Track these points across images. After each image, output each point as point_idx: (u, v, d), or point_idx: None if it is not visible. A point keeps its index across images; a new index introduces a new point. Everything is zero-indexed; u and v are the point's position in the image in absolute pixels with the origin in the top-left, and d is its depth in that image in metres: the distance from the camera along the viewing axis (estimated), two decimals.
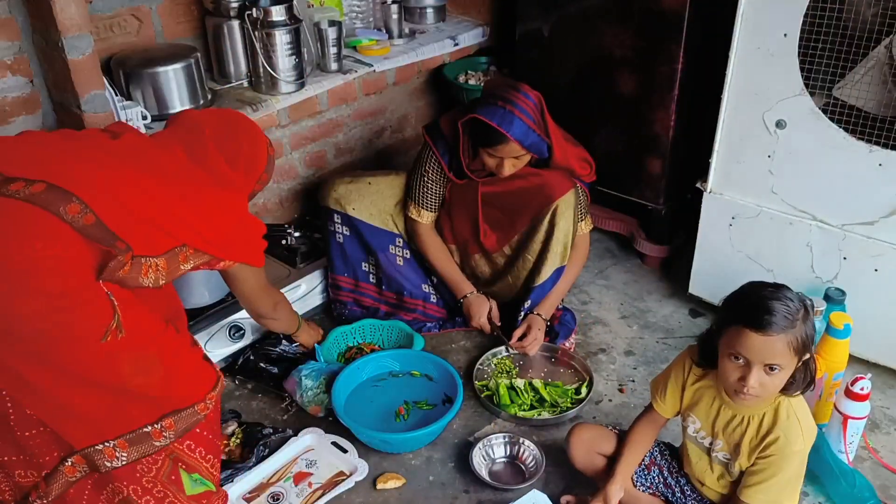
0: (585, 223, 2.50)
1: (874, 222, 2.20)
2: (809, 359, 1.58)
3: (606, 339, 2.59)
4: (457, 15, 3.33)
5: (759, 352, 1.53)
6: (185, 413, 1.62)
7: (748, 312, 1.54)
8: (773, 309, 1.51)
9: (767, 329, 1.51)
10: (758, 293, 1.56)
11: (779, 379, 1.56)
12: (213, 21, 2.60)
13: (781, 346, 1.52)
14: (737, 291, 1.62)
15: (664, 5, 2.45)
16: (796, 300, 1.53)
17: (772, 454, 1.63)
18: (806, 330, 1.53)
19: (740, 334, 1.54)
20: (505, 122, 2.15)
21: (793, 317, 1.51)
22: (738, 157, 2.37)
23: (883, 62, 2.04)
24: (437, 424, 2.10)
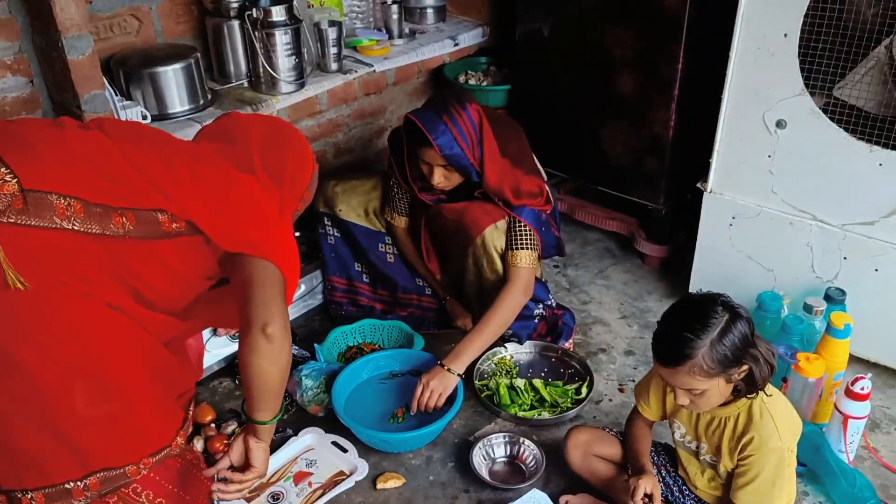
0: (523, 254, 2.26)
1: (874, 222, 2.20)
2: (748, 370, 1.56)
3: (606, 339, 2.59)
4: (457, 15, 3.33)
5: (668, 378, 1.60)
6: (113, 474, 1.48)
7: (653, 343, 1.62)
8: (670, 342, 1.55)
9: (663, 362, 1.58)
10: (665, 322, 1.61)
11: (708, 397, 1.59)
12: (213, 21, 2.60)
13: (682, 376, 1.55)
14: (666, 311, 1.65)
15: (664, 5, 2.45)
16: (708, 326, 1.51)
17: (750, 454, 1.63)
18: (715, 354, 1.51)
19: (654, 361, 1.62)
20: (431, 126, 2.13)
21: (689, 351, 1.51)
22: (739, 157, 2.37)
23: (883, 62, 2.04)
24: (437, 424, 2.10)
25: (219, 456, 2.06)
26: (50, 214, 1.35)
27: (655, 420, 1.87)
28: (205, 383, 2.39)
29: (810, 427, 2.05)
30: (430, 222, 2.45)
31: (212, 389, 2.38)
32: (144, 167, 1.46)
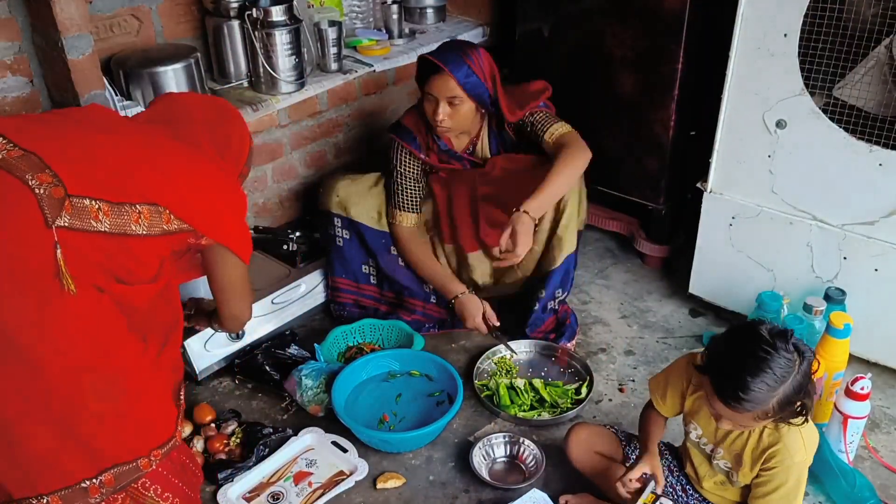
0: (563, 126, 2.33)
1: (874, 222, 2.20)
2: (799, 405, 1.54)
3: (606, 339, 2.59)
4: (457, 15, 3.33)
5: (726, 414, 1.55)
6: (126, 468, 1.50)
7: (723, 384, 1.51)
8: (743, 387, 1.47)
9: (731, 404, 1.50)
10: (742, 361, 1.49)
11: (755, 425, 1.59)
12: (213, 21, 2.60)
13: (744, 417, 1.52)
14: (729, 339, 1.56)
15: (664, 5, 2.45)
16: (784, 374, 1.47)
17: (774, 466, 1.62)
18: (784, 400, 1.49)
19: (713, 396, 1.54)
20: (443, 56, 2.21)
21: (762, 398, 1.47)
22: (739, 157, 2.37)
23: (883, 62, 2.04)
24: (437, 424, 2.10)
25: (219, 456, 2.07)
26: (87, 218, 1.39)
27: (669, 416, 1.85)
28: (205, 383, 2.39)
29: None
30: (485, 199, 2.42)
31: (212, 389, 2.38)
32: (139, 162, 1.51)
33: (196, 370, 2.34)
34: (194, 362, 2.33)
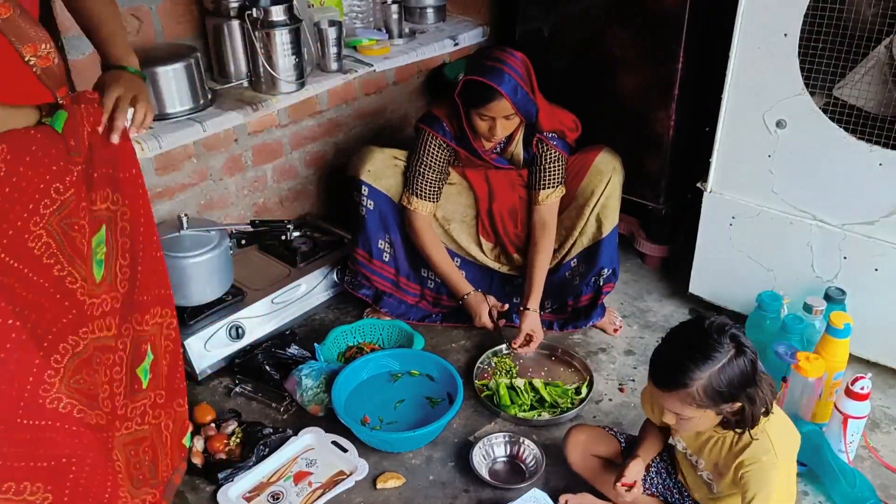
0: (558, 190, 2.48)
1: (874, 222, 2.20)
2: (741, 408, 1.54)
3: (607, 339, 2.59)
4: (457, 15, 3.33)
5: (658, 399, 1.58)
6: None
7: (651, 362, 1.60)
8: (668, 366, 1.53)
9: (656, 384, 1.56)
10: (673, 342, 1.58)
11: (694, 423, 1.59)
12: (213, 21, 2.60)
13: (673, 401, 1.54)
14: (674, 328, 1.62)
15: (664, 5, 2.45)
16: (710, 358, 1.49)
17: (747, 471, 1.60)
18: (709, 388, 1.49)
19: (649, 380, 1.60)
20: (496, 77, 2.20)
21: (687, 378, 1.49)
22: (739, 156, 2.37)
23: (883, 62, 2.04)
24: (437, 424, 2.10)
25: (219, 456, 2.07)
26: None
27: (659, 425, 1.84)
28: (205, 383, 2.39)
29: (810, 427, 2.05)
30: None
31: (212, 389, 2.38)
32: None
33: (196, 370, 2.34)
34: (194, 362, 2.33)
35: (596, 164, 2.47)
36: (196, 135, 2.42)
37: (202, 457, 2.08)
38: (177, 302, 2.32)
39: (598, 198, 2.47)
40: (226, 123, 2.48)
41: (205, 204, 2.65)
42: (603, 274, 2.53)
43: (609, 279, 2.55)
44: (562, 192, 2.48)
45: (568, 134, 2.45)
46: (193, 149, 2.47)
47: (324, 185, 3.02)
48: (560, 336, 2.60)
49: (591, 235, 2.51)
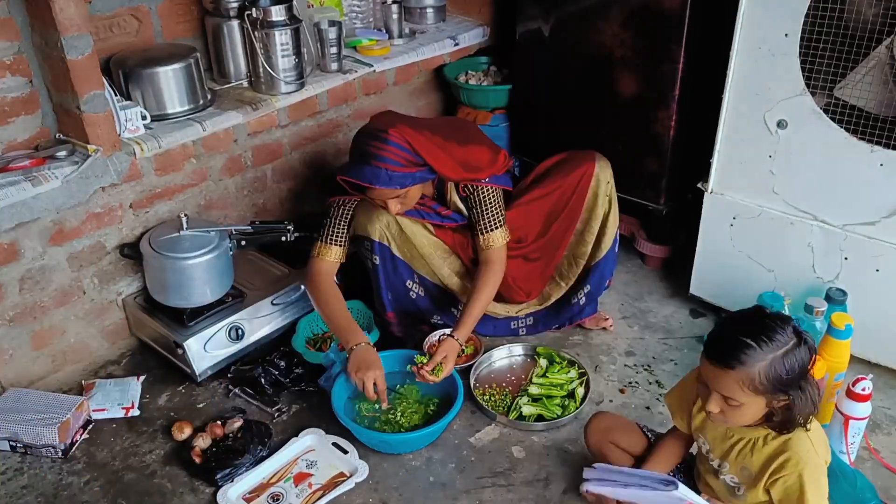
0: (496, 235, 2.31)
1: (875, 222, 2.20)
2: (789, 402, 1.50)
3: (607, 340, 2.58)
4: (457, 15, 3.33)
5: (712, 380, 1.52)
6: None
7: (710, 339, 1.54)
8: (731, 344, 1.47)
9: (716, 362, 1.49)
10: (736, 323, 1.53)
11: (742, 412, 1.53)
12: (213, 21, 2.60)
13: (730, 382, 1.48)
14: (731, 314, 1.59)
15: (664, 5, 2.44)
16: (774, 341, 1.46)
17: (785, 475, 1.56)
18: (771, 371, 1.45)
19: (703, 359, 1.54)
20: (362, 175, 2.13)
21: (751, 358, 1.45)
22: (739, 157, 2.37)
23: (884, 62, 2.04)
24: (437, 425, 2.10)
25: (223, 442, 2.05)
26: None
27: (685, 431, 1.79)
28: (204, 384, 2.38)
29: None
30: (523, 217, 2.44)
31: (211, 390, 2.37)
32: None
33: (196, 371, 2.33)
34: (194, 363, 2.32)
35: (592, 188, 2.40)
36: (196, 135, 2.42)
37: (202, 457, 2.07)
38: (176, 303, 2.35)
39: (600, 222, 2.44)
40: (225, 123, 2.49)
41: (205, 204, 2.65)
42: (607, 285, 2.55)
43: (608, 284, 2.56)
44: (506, 236, 2.34)
45: (488, 172, 2.29)
46: (193, 149, 2.47)
47: (323, 185, 3.01)
48: (560, 336, 2.59)
49: (596, 255, 2.48)
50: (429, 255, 2.38)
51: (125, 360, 2.52)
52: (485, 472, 2.08)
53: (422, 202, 2.33)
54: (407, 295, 2.42)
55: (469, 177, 2.27)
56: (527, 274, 2.50)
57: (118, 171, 2.29)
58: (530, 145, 3.04)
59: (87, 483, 2.06)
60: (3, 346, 2.30)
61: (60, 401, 2.20)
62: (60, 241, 2.31)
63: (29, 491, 2.04)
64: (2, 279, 2.22)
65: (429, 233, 2.38)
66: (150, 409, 2.30)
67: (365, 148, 2.15)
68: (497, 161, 2.32)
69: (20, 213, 2.12)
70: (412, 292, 2.42)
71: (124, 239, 2.46)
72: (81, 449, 2.17)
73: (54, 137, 2.30)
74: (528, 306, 2.56)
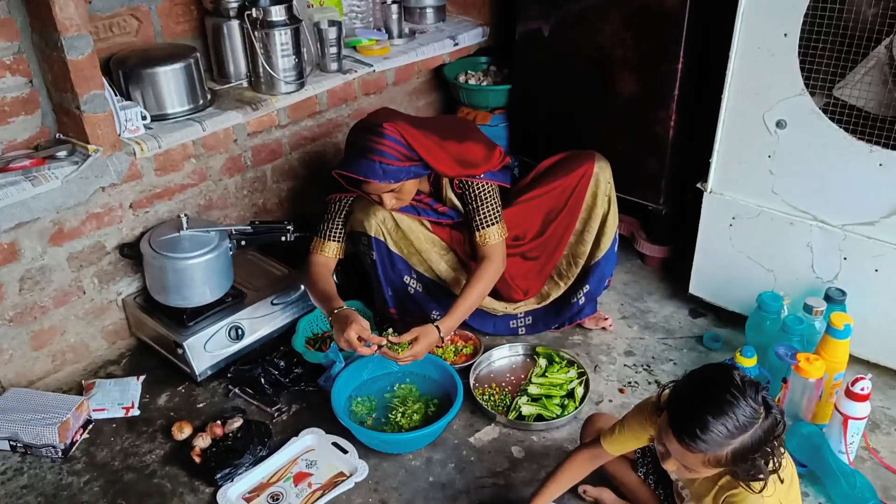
0: (492, 231, 2.30)
1: (875, 222, 2.20)
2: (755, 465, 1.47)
3: (607, 340, 2.59)
4: (457, 15, 3.33)
5: (675, 452, 1.49)
6: None
7: (682, 419, 1.46)
8: (701, 426, 1.41)
9: (684, 442, 1.45)
10: (705, 398, 1.45)
11: (700, 474, 1.52)
12: (213, 21, 2.60)
13: (693, 460, 1.46)
14: (698, 376, 1.51)
15: (664, 5, 2.44)
16: (745, 423, 1.41)
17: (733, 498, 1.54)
18: (739, 450, 1.43)
19: (667, 429, 1.48)
20: (357, 168, 2.13)
21: (718, 441, 1.41)
22: (739, 157, 2.37)
23: (883, 62, 2.04)
24: (437, 425, 2.10)
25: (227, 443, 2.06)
26: None
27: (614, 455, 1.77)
28: (204, 384, 2.39)
29: (810, 427, 2.05)
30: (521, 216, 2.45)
31: (211, 390, 2.37)
32: None
33: (196, 371, 2.33)
34: (194, 363, 2.32)
35: (591, 188, 2.42)
36: (195, 135, 2.42)
37: (202, 457, 2.07)
38: (176, 303, 2.35)
39: (599, 221, 2.45)
40: (225, 123, 2.49)
41: (204, 204, 2.65)
42: (607, 284, 2.56)
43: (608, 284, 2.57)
44: (503, 233, 2.33)
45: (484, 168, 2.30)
46: (193, 149, 2.47)
47: (323, 185, 3.01)
48: (560, 336, 2.59)
49: (595, 254, 2.50)
50: (426, 250, 2.38)
51: (125, 360, 2.52)
52: (484, 472, 2.08)
53: (418, 199, 2.34)
54: (406, 291, 2.42)
55: (464, 173, 2.28)
56: (525, 272, 2.50)
57: (118, 171, 2.29)
58: (530, 145, 3.04)
59: (86, 483, 2.07)
60: (3, 346, 2.30)
61: (60, 401, 2.21)
62: (60, 241, 2.31)
63: (29, 491, 2.04)
64: (2, 279, 2.22)
65: (426, 229, 2.38)
66: (150, 409, 2.31)
67: (360, 142, 2.16)
68: (492, 157, 2.33)
69: (20, 213, 2.12)
70: (410, 288, 2.42)
71: (124, 239, 2.46)
72: (81, 449, 2.17)
73: (54, 137, 2.30)
74: (526, 304, 2.56)
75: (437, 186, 2.37)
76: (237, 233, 2.45)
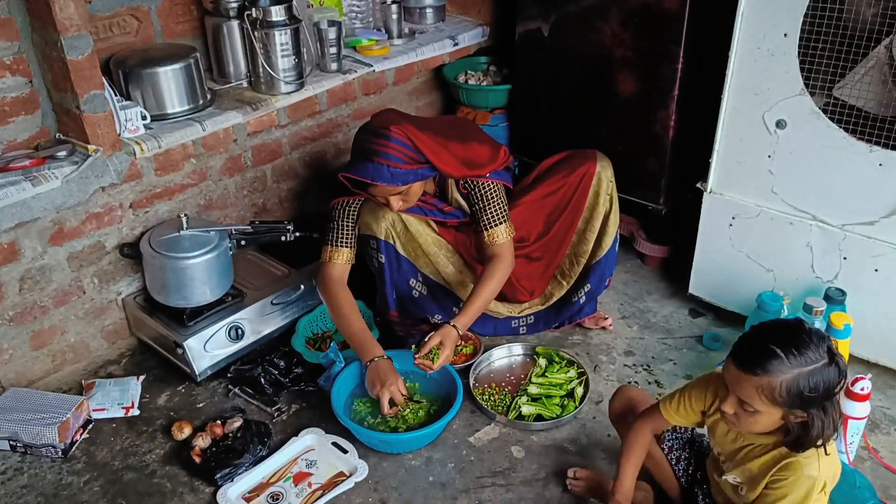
0: (499, 230, 2.30)
1: (874, 222, 2.20)
2: (807, 420, 1.47)
3: (606, 340, 2.59)
4: (456, 15, 3.33)
5: (732, 382, 1.50)
6: None
7: (740, 341, 1.51)
8: (759, 350, 1.45)
9: (740, 365, 1.47)
10: (770, 330, 1.49)
11: (756, 419, 1.51)
12: (213, 21, 2.60)
13: (749, 388, 1.46)
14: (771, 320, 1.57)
15: (664, 5, 2.44)
16: (804, 356, 1.42)
17: (785, 477, 1.54)
18: (794, 386, 1.42)
19: (728, 359, 1.52)
20: (364, 172, 2.13)
21: (775, 367, 1.42)
22: (739, 157, 2.37)
23: (883, 62, 2.04)
24: (437, 424, 2.10)
25: (226, 443, 2.05)
26: None
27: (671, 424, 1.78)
28: (204, 384, 2.39)
29: None
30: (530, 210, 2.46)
31: (211, 390, 2.37)
32: None
33: (196, 371, 2.33)
34: (193, 363, 2.32)
35: (593, 187, 2.42)
36: (195, 135, 2.42)
37: (201, 457, 2.07)
38: (176, 303, 2.35)
39: (601, 220, 2.45)
40: (225, 123, 2.49)
41: (204, 204, 2.65)
42: (607, 284, 2.57)
43: (608, 284, 2.58)
44: (511, 232, 2.32)
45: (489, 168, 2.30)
46: (193, 149, 2.47)
47: (323, 185, 3.02)
48: (560, 336, 2.60)
49: (596, 253, 2.50)
50: (433, 253, 2.38)
51: (125, 359, 2.52)
52: (484, 472, 2.09)
53: (424, 199, 2.34)
54: (410, 294, 2.42)
55: (470, 173, 2.28)
56: (530, 273, 2.50)
57: (118, 170, 2.29)
58: (530, 145, 3.04)
59: (86, 483, 2.07)
60: (3, 346, 2.30)
61: (60, 400, 2.21)
62: (60, 241, 2.31)
63: (29, 491, 2.04)
64: (2, 279, 2.22)
65: (433, 231, 2.38)
66: (149, 409, 2.31)
67: (367, 145, 2.16)
68: (498, 157, 2.33)
69: (20, 213, 2.12)
70: (415, 291, 2.42)
71: (124, 239, 2.46)
72: (81, 449, 2.17)
73: (54, 137, 2.30)
74: (530, 306, 2.56)
75: (442, 187, 2.37)
76: (237, 233, 2.45)
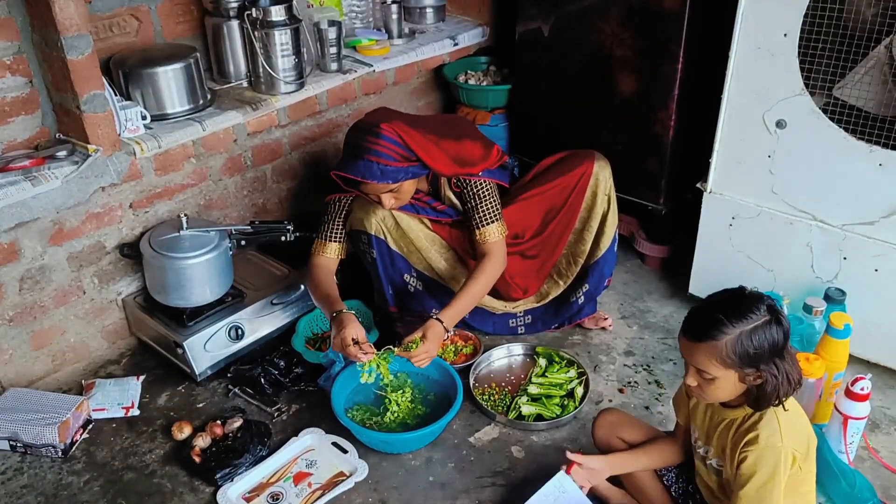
0: (492, 228, 2.30)
1: (874, 222, 2.20)
2: (763, 378, 1.51)
3: (606, 340, 2.59)
4: (456, 15, 3.33)
5: (686, 354, 1.57)
6: None
7: (686, 316, 1.59)
8: (702, 318, 1.53)
9: (686, 334, 1.55)
10: (712, 300, 1.58)
11: (716, 385, 1.55)
12: (213, 21, 2.60)
13: (700, 355, 1.53)
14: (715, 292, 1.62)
15: (664, 5, 2.44)
16: (744, 317, 1.49)
17: (748, 452, 1.56)
18: (738, 346, 1.48)
19: (679, 333, 1.59)
20: (355, 170, 2.13)
21: (718, 331, 1.48)
22: (739, 157, 2.37)
23: (883, 62, 2.04)
24: (437, 424, 2.10)
25: (226, 443, 2.06)
26: None
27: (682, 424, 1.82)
28: (204, 384, 2.39)
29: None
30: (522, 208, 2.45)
31: (211, 390, 2.37)
32: None
33: (196, 371, 2.33)
34: (193, 363, 2.32)
35: (591, 187, 2.42)
36: (195, 134, 2.42)
37: (201, 457, 2.07)
38: (176, 303, 2.35)
39: (599, 220, 2.45)
40: (225, 123, 2.49)
41: (204, 204, 2.65)
42: (606, 284, 2.56)
43: (607, 284, 2.58)
44: (503, 231, 2.32)
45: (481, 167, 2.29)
46: (193, 149, 2.47)
47: (323, 185, 3.02)
48: (560, 336, 2.60)
49: (594, 253, 2.50)
50: (425, 248, 2.38)
51: (125, 359, 2.52)
52: (484, 472, 2.09)
53: (416, 197, 2.34)
54: (406, 289, 2.42)
55: (462, 172, 2.28)
56: (524, 270, 2.50)
57: (118, 170, 2.29)
58: (530, 145, 3.04)
59: (86, 483, 2.07)
60: (3, 346, 2.30)
61: (60, 400, 2.21)
62: (60, 241, 2.31)
63: (29, 491, 2.04)
64: (2, 279, 2.23)
65: (425, 227, 2.38)
66: (149, 409, 2.31)
67: (358, 142, 2.16)
68: (490, 156, 2.32)
69: (20, 213, 2.13)
70: (410, 286, 2.42)
71: (124, 239, 2.46)
72: (81, 449, 2.17)
73: (54, 137, 2.30)
74: (525, 303, 2.56)
75: (435, 185, 2.37)
76: (237, 233, 2.45)
